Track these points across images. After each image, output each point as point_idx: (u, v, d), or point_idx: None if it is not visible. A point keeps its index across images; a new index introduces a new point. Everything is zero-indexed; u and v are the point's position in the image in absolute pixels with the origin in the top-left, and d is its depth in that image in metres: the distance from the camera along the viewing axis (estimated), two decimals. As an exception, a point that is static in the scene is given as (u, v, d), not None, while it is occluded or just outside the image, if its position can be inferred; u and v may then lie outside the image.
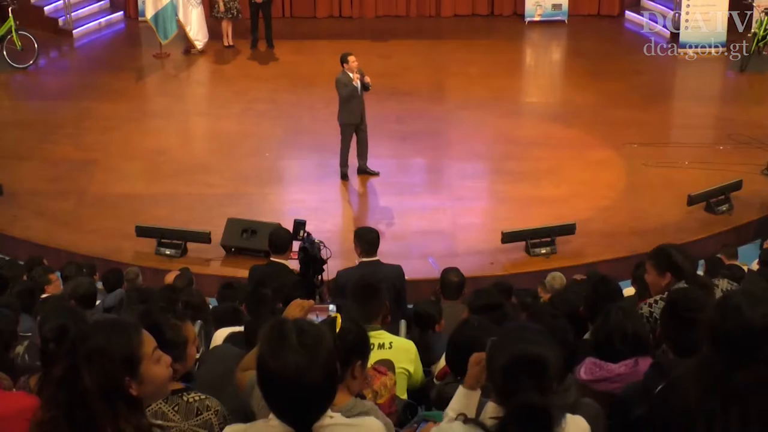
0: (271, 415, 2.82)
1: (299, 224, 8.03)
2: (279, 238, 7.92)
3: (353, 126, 12.21)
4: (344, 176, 12.49)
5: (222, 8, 17.15)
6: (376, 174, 12.60)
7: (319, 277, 7.80)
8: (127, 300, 7.88)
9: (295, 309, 3.58)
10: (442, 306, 7.33)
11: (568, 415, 3.01)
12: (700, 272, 8.51)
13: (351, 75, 12.05)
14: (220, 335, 5.99)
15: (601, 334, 4.43)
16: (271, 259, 7.98)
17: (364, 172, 12.59)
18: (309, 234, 7.91)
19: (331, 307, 7.01)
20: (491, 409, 2.98)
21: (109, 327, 2.85)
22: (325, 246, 7.79)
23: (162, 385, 2.94)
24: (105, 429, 2.65)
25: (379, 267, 7.60)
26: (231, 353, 5.12)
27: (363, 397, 3.69)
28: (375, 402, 4.11)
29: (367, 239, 7.62)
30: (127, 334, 2.82)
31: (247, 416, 3.50)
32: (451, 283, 7.62)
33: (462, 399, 3.23)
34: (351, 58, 12.09)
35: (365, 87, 12.05)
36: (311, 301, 3.71)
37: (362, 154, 12.50)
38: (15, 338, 4.80)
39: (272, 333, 2.76)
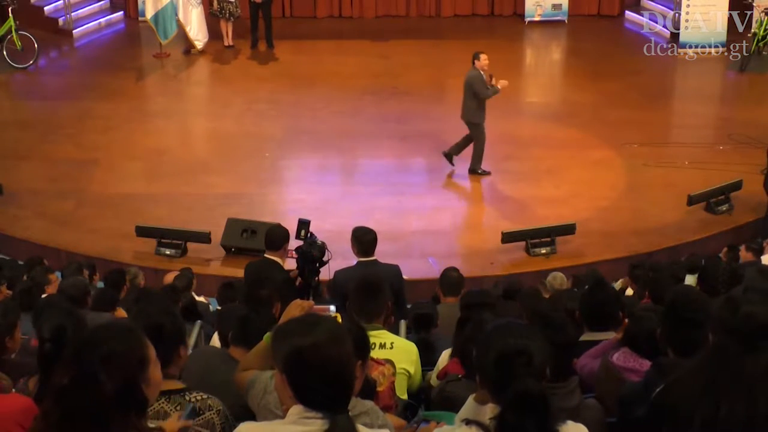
0: (291, 413, 2.82)
1: (302, 224, 7.97)
2: (272, 235, 7.88)
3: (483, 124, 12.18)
4: (485, 173, 12.48)
5: (215, 6, 17.16)
6: (488, 173, 12.58)
7: (316, 277, 7.77)
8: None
9: (295, 309, 3.59)
10: (441, 305, 7.33)
11: (570, 422, 3.02)
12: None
13: (482, 73, 11.98)
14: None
15: (639, 331, 4.52)
16: (265, 255, 7.96)
17: (475, 172, 12.56)
18: (312, 234, 7.86)
19: (332, 307, 6.99)
20: (490, 410, 2.99)
21: (117, 330, 2.88)
22: (326, 249, 7.76)
23: (159, 388, 2.98)
24: None
25: (377, 267, 7.57)
26: (211, 353, 5.11)
27: (370, 394, 3.68)
28: (375, 389, 4.11)
29: (362, 240, 7.59)
30: (137, 337, 2.86)
31: (238, 415, 3.53)
32: (451, 278, 7.61)
33: (471, 410, 3.24)
34: (483, 56, 11.98)
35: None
36: (311, 302, 3.72)
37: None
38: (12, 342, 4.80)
39: (296, 325, 2.90)
